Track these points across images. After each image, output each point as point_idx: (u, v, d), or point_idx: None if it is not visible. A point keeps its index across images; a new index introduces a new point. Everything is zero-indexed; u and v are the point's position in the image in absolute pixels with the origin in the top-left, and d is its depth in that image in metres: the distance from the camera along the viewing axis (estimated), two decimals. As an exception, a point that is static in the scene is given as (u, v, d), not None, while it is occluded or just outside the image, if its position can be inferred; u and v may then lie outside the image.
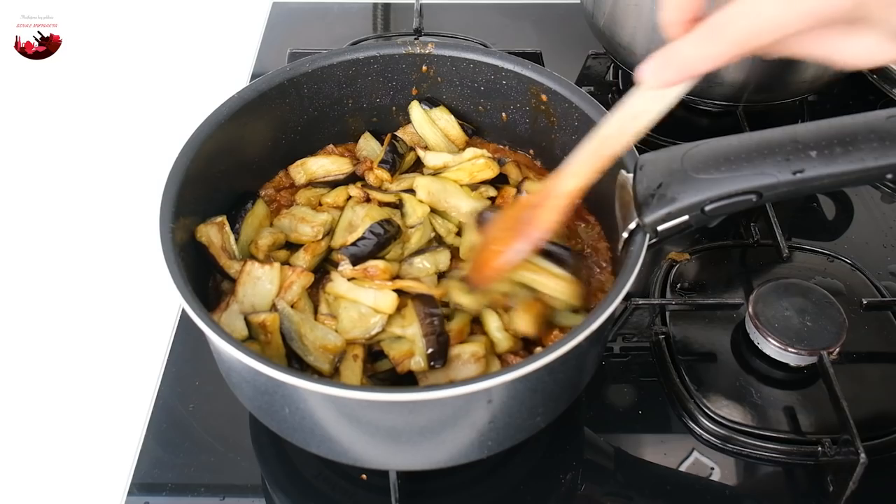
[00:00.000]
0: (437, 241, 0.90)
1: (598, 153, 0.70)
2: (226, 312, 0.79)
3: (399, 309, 0.81)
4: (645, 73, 0.60)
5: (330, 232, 0.90)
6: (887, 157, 0.64)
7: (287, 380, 0.65)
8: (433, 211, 0.91)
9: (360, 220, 0.88)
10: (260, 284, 0.82)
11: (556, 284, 0.80)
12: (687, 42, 0.56)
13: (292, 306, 0.82)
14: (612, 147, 0.69)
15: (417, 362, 0.77)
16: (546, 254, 0.82)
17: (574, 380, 0.79)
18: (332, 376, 0.78)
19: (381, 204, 0.91)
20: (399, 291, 0.82)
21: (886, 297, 1.01)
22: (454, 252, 0.88)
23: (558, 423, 0.80)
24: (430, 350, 0.77)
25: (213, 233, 0.85)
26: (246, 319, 0.79)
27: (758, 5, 0.51)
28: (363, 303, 0.81)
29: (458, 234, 0.91)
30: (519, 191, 0.92)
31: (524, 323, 0.79)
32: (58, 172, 1.22)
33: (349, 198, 0.93)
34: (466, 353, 0.78)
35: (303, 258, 0.86)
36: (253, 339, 0.79)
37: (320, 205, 0.94)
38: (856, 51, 0.53)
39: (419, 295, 0.80)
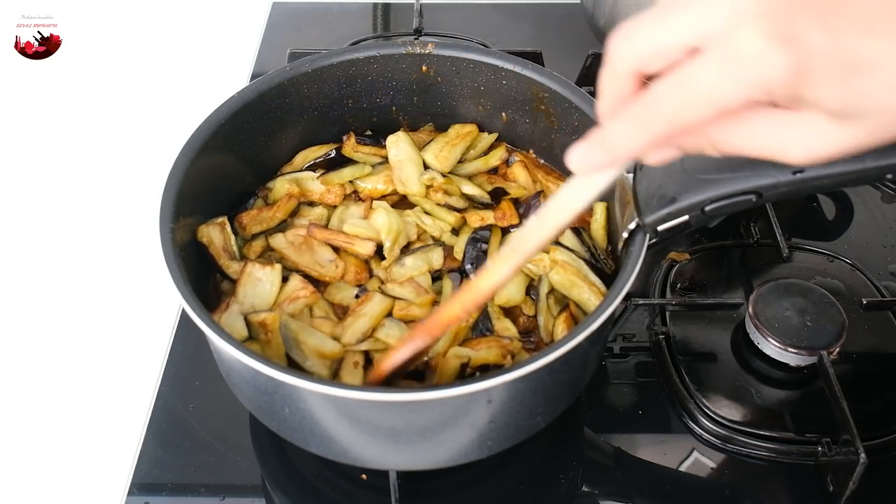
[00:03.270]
0: (433, 240, 0.90)
1: (519, 248, 0.65)
2: (226, 313, 0.79)
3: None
4: (573, 158, 0.53)
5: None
6: (887, 157, 0.64)
7: (287, 380, 0.65)
8: (426, 213, 0.92)
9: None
10: (260, 286, 0.82)
11: (592, 296, 0.81)
12: (616, 122, 0.50)
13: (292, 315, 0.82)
14: (534, 241, 0.64)
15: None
16: (594, 267, 0.83)
17: (574, 380, 0.79)
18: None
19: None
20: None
21: (886, 297, 1.01)
22: (447, 251, 0.89)
23: (558, 423, 0.80)
24: None
25: (215, 233, 0.85)
26: (246, 319, 0.79)
27: (691, 73, 0.44)
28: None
29: (454, 232, 0.91)
30: (516, 203, 0.93)
31: (561, 331, 0.80)
32: (58, 172, 1.22)
33: (345, 196, 0.95)
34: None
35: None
36: (253, 339, 0.79)
37: (311, 204, 0.94)
38: (798, 139, 0.45)
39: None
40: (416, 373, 0.79)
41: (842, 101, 0.42)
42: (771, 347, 0.91)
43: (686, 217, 0.70)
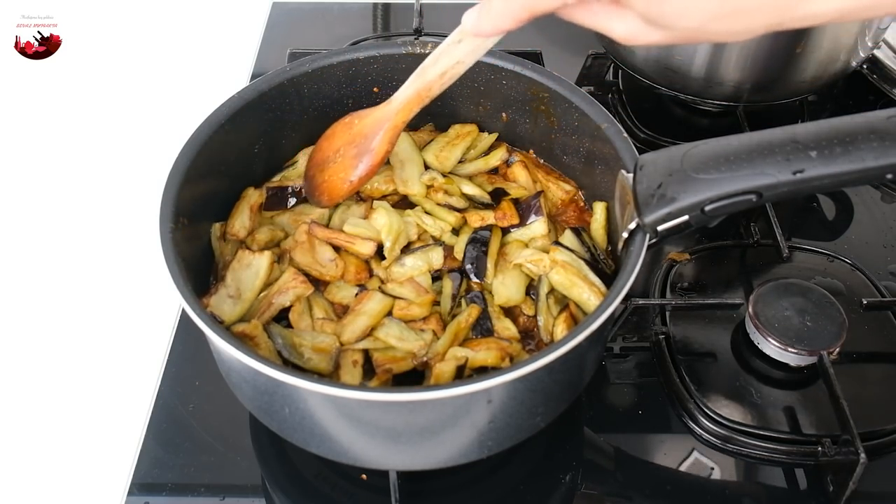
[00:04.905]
0: (433, 240, 0.90)
1: (420, 95, 0.80)
2: (215, 296, 0.80)
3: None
4: (469, 20, 0.67)
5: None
6: (887, 157, 0.64)
7: (287, 380, 0.65)
8: (427, 213, 0.92)
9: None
10: (249, 271, 0.82)
11: (592, 296, 0.81)
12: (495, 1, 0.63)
13: (290, 308, 0.82)
14: (434, 90, 0.80)
15: None
16: (594, 267, 0.83)
17: (574, 380, 0.79)
18: (331, 375, 0.78)
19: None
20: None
21: (886, 297, 1.01)
22: (448, 251, 0.89)
23: (558, 423, 0.80)
24: None
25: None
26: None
27: None
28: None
29: (454, 232, 0.91)
30: (518, 203, 0.93)
31: (561, 331, 0.80)
32: (58, 172, 1.22)
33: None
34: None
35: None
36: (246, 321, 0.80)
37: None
38: (622, 28, 0.62)
39: None
40: (415, 373, 0.79)
41: (645, 12, 0.59)
42: (771, 347, 0.91)
43: (686, 217, 0.70)
